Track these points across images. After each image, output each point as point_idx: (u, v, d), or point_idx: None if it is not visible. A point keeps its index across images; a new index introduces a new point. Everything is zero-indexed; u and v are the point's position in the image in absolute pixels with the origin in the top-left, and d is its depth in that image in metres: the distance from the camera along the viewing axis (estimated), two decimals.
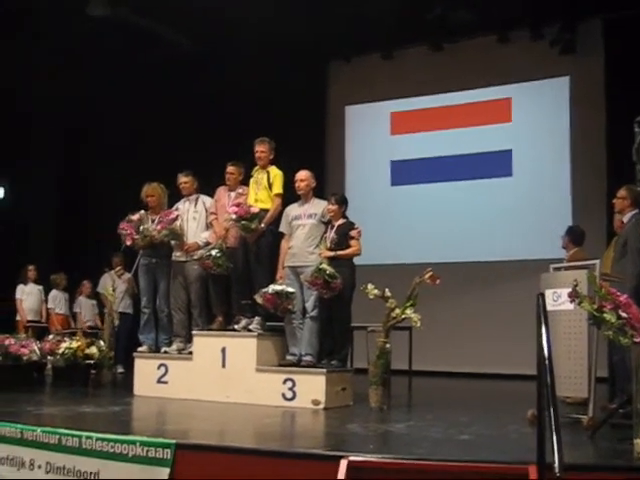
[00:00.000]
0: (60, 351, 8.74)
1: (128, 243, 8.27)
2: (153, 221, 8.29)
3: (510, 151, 12.34)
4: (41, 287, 11.52)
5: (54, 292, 11.57)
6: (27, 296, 11.35)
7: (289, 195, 7.88)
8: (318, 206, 7.66)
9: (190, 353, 7.93)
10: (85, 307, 11.78)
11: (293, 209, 7.75)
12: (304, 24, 11.29)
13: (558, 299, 5.97)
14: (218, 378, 7.50)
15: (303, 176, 7.70)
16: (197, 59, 12.53)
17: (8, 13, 10.71)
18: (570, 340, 5.86)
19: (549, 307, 5.09)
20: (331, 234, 7.47)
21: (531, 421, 5.65)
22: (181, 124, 12.65)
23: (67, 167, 12.94)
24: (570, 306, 5.64)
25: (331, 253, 7.31)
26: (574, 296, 5.26)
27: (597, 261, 6.05)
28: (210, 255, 7.74)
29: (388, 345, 7.04)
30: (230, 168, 8.18)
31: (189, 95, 12.78)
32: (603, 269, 6.30)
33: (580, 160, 11.65)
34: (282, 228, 7.80)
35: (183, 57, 12.48)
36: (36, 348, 8.79)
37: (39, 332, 10.51)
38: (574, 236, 8.42)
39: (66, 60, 11.83)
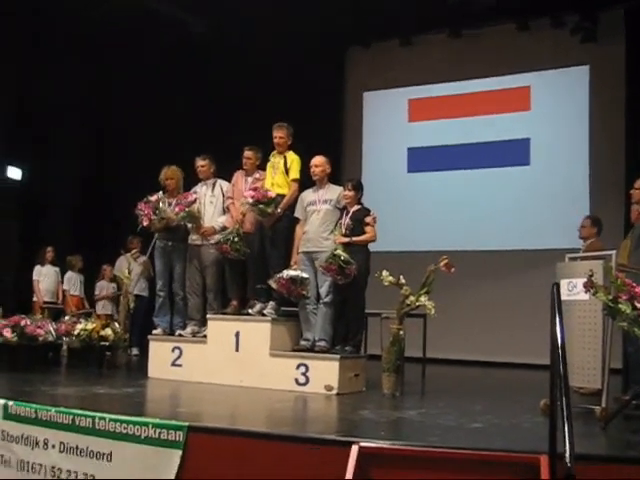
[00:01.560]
0: (75, 332, 8.79)
1: (145, 224, 8.22)
2: (170, 204, 8.27)
3: (528, 140, 12.28)
4: (58, 269, 11.57)
5: (69, 273, 11.62)
6: (44, 277, 11.41)
7: (306, 181, 7.87)
8: (333, 192, 7.64)
9: (204, 337, 7.94)
10: (107, 291, 11.86)
11: (308, 194, 7.74)
12: (322, 10, 11.24)
13: (573, 289, 5.93)
14: (232, 362, 7.52)
15: (318, 162, 7.68)
16: (213, 44, 12.51)
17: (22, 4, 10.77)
18: (584, 330, 5.82)
19: (564, 297, 5.08)
20: (346, 220, 7.44)
21: (544, 411, 5.64)
22: (199, 108, 12.66)
23: (85, 150, 12.96)
24: (585, 296, 5.62)
25: (346, 239, 7.28)
26: (589, 286, 5.25)
27: (613, 252, 6.01)
28: (228, 239, 7.73)
29: (402, 332, 7.02)
30: (247, 153, 8.16)
31: (206, 80, 12.78)
32: (619, 260, 6.27)
33: (598, 150, 11.57)
34: (297, 213, 7.78)
35: (200, 41, 12.47)
36: (52, 329, 8.84)
37: (55, 313, 10.59)
38: (599, 226, 8.34)
39: (82, 45, 11.86)
